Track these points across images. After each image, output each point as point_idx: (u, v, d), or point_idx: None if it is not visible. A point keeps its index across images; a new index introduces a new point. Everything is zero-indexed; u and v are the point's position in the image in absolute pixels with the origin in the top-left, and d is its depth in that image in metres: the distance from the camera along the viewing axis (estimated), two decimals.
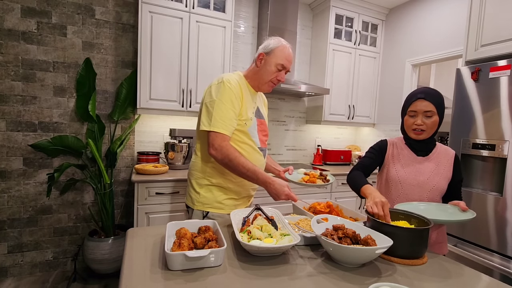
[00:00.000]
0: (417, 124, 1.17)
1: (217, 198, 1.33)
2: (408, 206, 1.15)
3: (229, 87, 1.25)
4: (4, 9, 2.10)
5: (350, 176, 1.28)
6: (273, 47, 1.31)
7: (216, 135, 1.22)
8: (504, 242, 1.57)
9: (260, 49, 1.34)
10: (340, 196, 2.79)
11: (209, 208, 1.33)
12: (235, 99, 1.26)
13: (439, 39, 2.66)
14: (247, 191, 1.40)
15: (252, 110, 1.37)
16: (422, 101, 1.16)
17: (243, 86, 1.33)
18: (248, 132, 1.32)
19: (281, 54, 1.31)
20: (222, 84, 1.26)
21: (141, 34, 2.20)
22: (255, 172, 1.22)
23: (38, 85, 2.23)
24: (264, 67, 1.32)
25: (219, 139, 1.22)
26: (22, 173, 2.23)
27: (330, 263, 0.89)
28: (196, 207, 1.35)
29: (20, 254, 2.27)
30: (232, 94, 1.25)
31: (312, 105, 3.20)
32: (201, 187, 1.35)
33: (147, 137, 2.59)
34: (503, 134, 1.59)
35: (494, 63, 1.64)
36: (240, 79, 1.34)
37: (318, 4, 3.06)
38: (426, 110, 1.15)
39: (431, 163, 1.22)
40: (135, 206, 2.05)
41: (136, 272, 0.78)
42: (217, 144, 1.22)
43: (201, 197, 1.34)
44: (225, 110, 1.23)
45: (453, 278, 0.85)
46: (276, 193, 1.21)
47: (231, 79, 1.28)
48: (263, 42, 1.35)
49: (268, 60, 1.31)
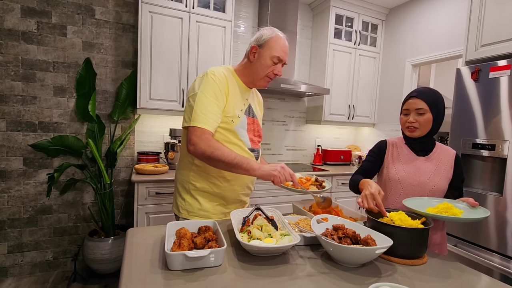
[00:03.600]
0: (409, 121, 1.19)
1: (202, 205, 1.23)
2: (419, 201, 1.12)
3: (212, 79, 1.14)
4: (4, 9, 2.10)
5: (350, 182, 1.31)
6: (266, 38, 1.18)
7: (195, 129, 1.10)
8: (504, 242, 1.57)
9: (252, 42, 1.21)
10: (340, 196, 2.79)
11: (194, 216, 1.23)
12: (219, 92, 1.14)
13: (439, 39, 2.66)
14: (236, 196, 1.28)
15: (242, 107, 1.25)
16: (414, 99, 1.18)
17: (231, 80, 1.21)
18: (235, 130, 1.20)
19: (276, 45, 1.18)
20: (206, 76, 1.15)
21: (141, 34, 2.20)
22: (244, 157, 1.10)
23: (38, 85, 2.23)
24: (258, 61, 1.20)
25: (198, 133, 1.09)
26: (22, 173, 2.23)
27: (330, 263, 0.89)
28: (181, 214, 1.25)
29: (20, 254, 2.27)
30: (216, 86, 1.14)
31: (312, 105, 3.21)
32: (186, 192, 1.25)
33: (147, 137, 2.59)
34: (503, 134, 1.59)
35: (494, 63, 1.64)
36: (228, 72, 1.23)
37: (318, 4, 3.06)
38: (418, 107, 1.17)
39: (432, 163, 1.22)
40: (135, 206, 2.05)
41: (136, 272, 0.78)
42: (196, 138, 1.09)
43: (187, 204, 1.24)
44: (207, 104, 1.11)
45: (453, 278, 0.85)
46: (271, 168, 1.08)
47: (216, 71, 1.17)
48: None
49: (262, 53, 1.19)
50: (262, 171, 1.09)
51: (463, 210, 1.04)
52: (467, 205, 1.07)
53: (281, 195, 2.51)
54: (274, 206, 2.04)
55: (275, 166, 1.09)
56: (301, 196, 2.56)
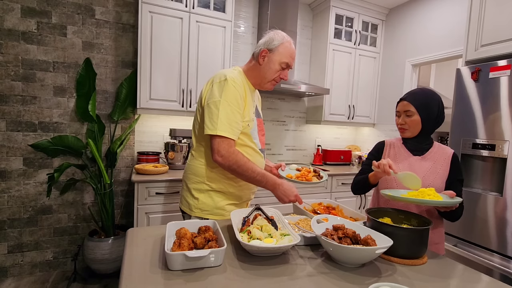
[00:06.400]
0: (399, 123, 1.26)
1: (217, 204, 1.25)
2: (395, 192, 1.12)
3: (233, 87, 1.16)
4: (4, 9, 2.10)
5: (353, 184, 1.36)
6: (277, 43, 1.22)
7: (222, 140, 1.13)
8: (504, 242, 1.57)
9: (262, 45, 1.24)
10: (340, 196, 2.79)
11: (208, 214, 1.25)
12: (240, 100, 1.17)
13: (439, 39, 2.66)
14: (247, 195, 1.35)
15: (253, 109, 1.29)
16: (403, 101, 1.24)
17: (245, 85, 1.25)
18: (250, 134, 1.25)
19: (285, 52, 1.23)
20: (226, 83, 1.15)
21: (141, 34, 2.20)
22: (264, 175, 1.18)
23: (38, 85, 2.23)
24: (267, 65, 1.23)
25: (225, 145, 1.13)
26: (22, 173, 2.23)
27: (330, 263, 0.89)
28: (194, 213, 1.26)
29: (20, 254, 2.27)
30: (238, 94, 1.16)
31: (312, 105, 3.21)
32: (200, 192, 1.26)
33: (147, 137, 2.59)
34: (503, 134, 1.59)
35: (494, 63, 1.64)
36: (242, 77, 1.26)
37: (318, 4, 3.06)
38: (406, 110, 1.22)
39: (427, 162, 1.23)
40: (135, 206, 2.05)
41: (136, 272, 0.78)
42: (224, 151, 1.13)
43: (200, 203, 1.25)
44: (231, 113, 1.14)
45: (453, 278, 0.85)
46: (285, 194, 1.19)
47: (235, 77, 1.19)
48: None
49: (272, 57, 1.22)
50: (276, 194, 1.22)
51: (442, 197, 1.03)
52: (446, 196, 1.06)
53: None
54: (274, 206, 2.03)
55: (290, 194, 1.20)
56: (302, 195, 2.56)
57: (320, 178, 1.38)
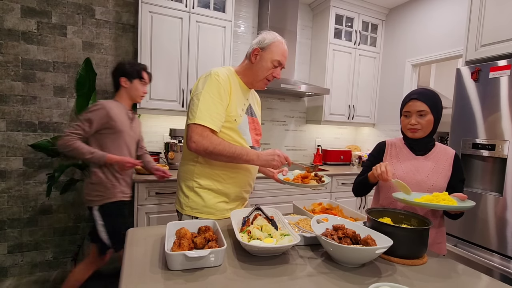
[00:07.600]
0: (411, 124, 1.21)
1: (206, 202, 1.25)
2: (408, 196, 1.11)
3: (216, 80, 1.18)
4: (4, 9, 2.10)
5: (354, 186, 1.36)
6: (269, 42, 1.24)
7: (196, 127, 1.13)
8: (504, 242, 1.57)
9: (255, 44, 1.26)
10: (340, 196, 2.79)
11: (197, 213, 1.25)
12: (224, 93, 1.18)
13: (439, 39, 2.66)
14: (238, 193, 1.32)
15: (242, 107, 1.29)
16: (415, 101, 1.19)
17: (233, 81, 1.25)
18: (238, 129, 1.25)
19: (277, 50, 1.25)
20: (210, 76, 1.19)
21: (141, 34, 2.20)
22: (243, 148, 1.19)
23: (38, 85, 2.23)
24: (259, 63, 1.26)
25: (199, 131, 1.13)
26: (22, 173, 2.23)
27: (330, 263, 0.89)
28: (185, 211, 1.27)
29: (20, 254, 2.27)
30: (220, 86, 1.18)
31: (312, 105, 3.21)
32: (190, 190, 1.27)
33: (147, 137, 2.59)
34: (503, 134, 1.59)
35: (494, 63, 1.64)
36: (230, 73, 1.27)
37: (318, 4, 3.06)
38: (419, 110, 1.18)
39: (430, 162, 1.23)
40: (135, 206, 2.05)
41: (136, 272, 0.78)
42: (197, 135, 1.12)
43: (190, 202, 1.26)
44: (212, 104, 1.15)
45: (453, 278, 0.85)
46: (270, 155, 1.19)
47: (219, 72, 1.21)
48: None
49: (263, 56, 1.25)
50: (261, 161, 1.20)
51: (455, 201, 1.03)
52: (457, 199, 1.06)
53: (281, 195, 2.51)
54: (274, 206, 2.04)
55: (272, 155, 1.20)
56: (299, 196, 2.56)
57: (322, 182, 1.33)
